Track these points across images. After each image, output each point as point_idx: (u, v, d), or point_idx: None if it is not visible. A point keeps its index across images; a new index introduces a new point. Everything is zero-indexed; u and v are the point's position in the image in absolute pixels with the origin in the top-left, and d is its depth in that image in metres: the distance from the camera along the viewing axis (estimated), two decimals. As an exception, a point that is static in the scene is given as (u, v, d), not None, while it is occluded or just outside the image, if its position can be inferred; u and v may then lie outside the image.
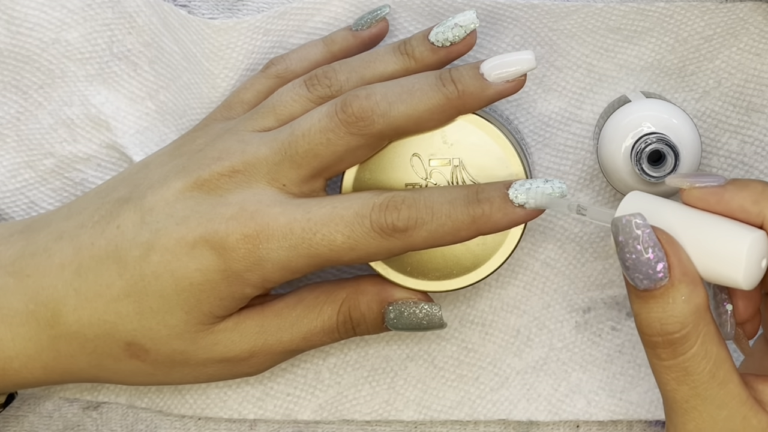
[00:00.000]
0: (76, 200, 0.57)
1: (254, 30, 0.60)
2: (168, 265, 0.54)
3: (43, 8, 0.60)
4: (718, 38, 0.60)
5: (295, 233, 0.53)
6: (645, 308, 0.50)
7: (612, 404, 0.62)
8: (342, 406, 0.63)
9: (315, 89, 0.56)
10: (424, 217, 0.53)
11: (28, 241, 0.56)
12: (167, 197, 0.55)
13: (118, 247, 0.55)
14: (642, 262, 0.49)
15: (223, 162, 0.55)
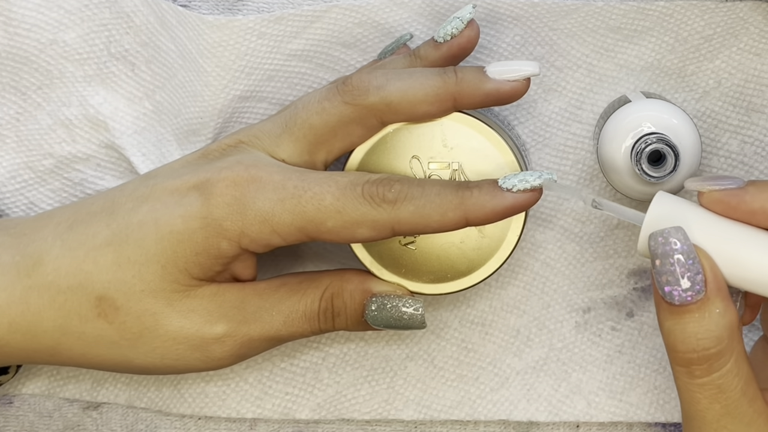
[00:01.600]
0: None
1: (248, 31, 0.60)
2: (154, 213, 0.54)
3: (40, 9, 0.60)
4: (718, 38, 0.60)
5: (287, 188, 0.53)
6: (680, 324, 0.49)
7: (612, 405, 0.62)
8: (341, 406, 0.63)
9: (350, 96, 0.56)
10: (414, 192, 0.53)
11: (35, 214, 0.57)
12: (173, 165, 0.56)
13: (114, 202, 0.55)
14: (680, 274, 0.49)
15: (231, 136, 0.56)
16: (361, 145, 0.56)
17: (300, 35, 0.61)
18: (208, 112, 0.61)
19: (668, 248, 0.49)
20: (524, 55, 0.61)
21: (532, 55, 0.61)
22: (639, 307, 0.62)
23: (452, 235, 0.56)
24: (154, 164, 0.61)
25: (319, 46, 0.61)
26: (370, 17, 0.60)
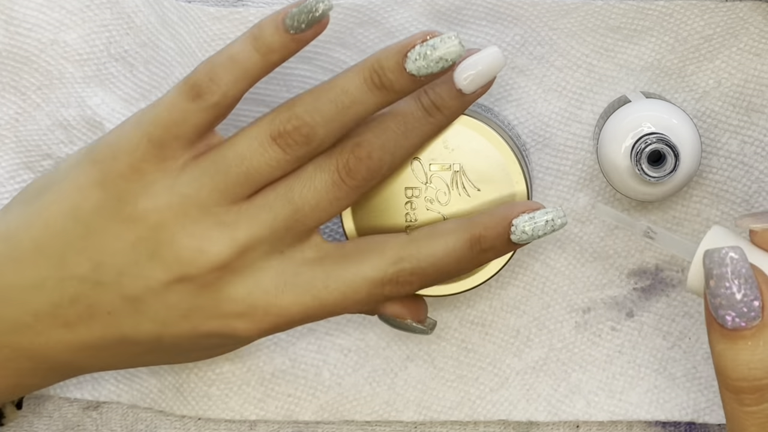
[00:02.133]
0: (17, 244, 0.54)
1: (248, 24, 0.60)
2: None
3: (41, 9, 0.60)
4: (718, 38, 0.60)
5: (311, 318, 0.54)
6: (732, 350, 0.47)
7: (612, 405, 0.62)
8: (342, 407, 0.63)
9: (292, 150, 0.53)
10: (426, 270, 0.54)
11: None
12: (152, 287, 0.53)
13: (125, 336, 0.54)
14: (736, 298, 0.47)
15: (208, 255, 0.52)
16: None
17: (300, 34, 0.61)
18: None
19: (725, 269, 0.47)
20: (524, 55, 0.61)
21: (532, 55, 0.61)
22: (639, 307, 0.62)
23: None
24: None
25: (319, 47, 0.61)
26: (371, 17, 0.60)
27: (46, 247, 0.53)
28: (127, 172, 0.53)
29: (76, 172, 0.54)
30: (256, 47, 0.52)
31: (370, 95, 0.53)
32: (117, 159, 0.53)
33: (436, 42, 0.52)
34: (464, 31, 0.61)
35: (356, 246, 0.55)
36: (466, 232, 0.54)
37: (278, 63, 0.53)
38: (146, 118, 0.53)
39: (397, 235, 0.55)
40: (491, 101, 0.61)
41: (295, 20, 0.52)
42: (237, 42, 0.53)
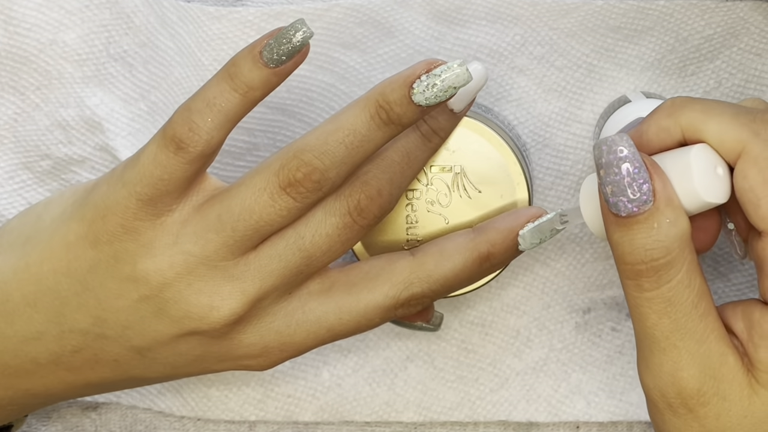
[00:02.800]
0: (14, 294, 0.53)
1: (247, 24, 0.60)
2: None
3: (41, 9, 0.59)
4: (719, 38, 0.60)
5: (325, 344, 0.54)
6: (628, 235, 0.47)
7: (612, 405, 0.62)
8: (342, 408, 0.63)
9: (303, 198, 0.51)
10: (437, 291, 0.54)
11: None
12: (161, 340, 0.52)
13: (134, 377, 0.54)
14: (626, 183, 0.47)
15: (219, 312, 0.51)
16: None
17: (300, 34, 0.60)
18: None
19: (612, 156, 0.47)
20: (524, 55, 0.61)
21: (532, 55, 0.61)
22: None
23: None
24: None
25: (319, 47, 0.61)
26: (371, 17, 0.60)
27: (39, 302, 0.52)
28: (120, 232, 0.51)
29: (64, 229, 0.52)
30: (235, 87, 0.50)
31: (379, 132, 0.51)
32: (107, 220, 0.51)
33: (443, 71, 0.50)
34: (464, 30, 0.61)
35: (363, 272, 0.54)
36: (474, 250, 0.53)
37: (261, 99, 0.51)
38: (131, 177, 0.51)
39: (403, 256, 0.54)
40: (491, 101, 0.61)
41: (273, 53, 0.50)
42: (213, 83, 0.50)
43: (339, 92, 0.61)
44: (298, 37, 0.50)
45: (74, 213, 0.52)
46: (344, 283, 0.53)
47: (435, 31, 0.61)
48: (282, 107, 0.61)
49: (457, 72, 0.50)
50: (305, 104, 0.61)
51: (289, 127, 0.61)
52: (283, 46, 0.50)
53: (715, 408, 0.48)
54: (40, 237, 0.52)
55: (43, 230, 0.52)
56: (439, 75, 0.50)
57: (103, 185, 0.52)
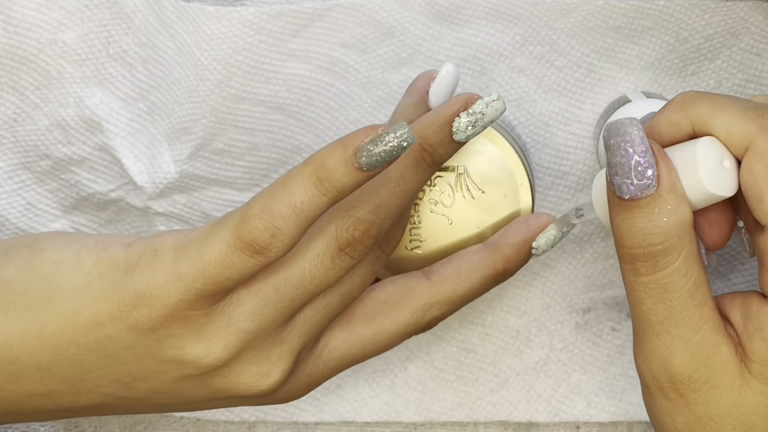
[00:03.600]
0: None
1: (246, 24, 0.60)
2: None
3: (40, 9, 0.59)
4: (719, 37, 0.60)
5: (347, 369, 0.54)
6: (628, 218, 0.47)
7: (612, 405, 0.62)
8: (342, 408, 0.63)
9: (361, 254, 0.50)
10: (455, 310, 0.54)
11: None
12: (194, 401, 0.51)
13: (158, 411, 0.52)
14: (631, 166, 0.47)
15: (272, 378, 0.50)
16: None
17: (300, 34, 0.60)
18: (201, 108, 0.60)
19: (621, 139, 0.47)
20: (524, 55, 0.61)
21: (532, 55, 0.61)
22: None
23: (459, 239, 0.56)
24: (145, 166, 0.60)
25: (318, 46, 0.61)
26: (371, 17, 0.60)
27: (54, 368, 0.49)
28: (168, 320, 0.48)
29: (92, 307, 0.48)
30: (325, 192, 0.47)
31: (425, 174, 0.51)
32: (153, 309, 0.47)
33: (483, 108, 0.50)
34: (464, 30, 0.60)
35: (382, 301, 0.53)
36: (490, 268, 0.53)
37: (345, 196, 0.48)
38: (191, 272, 0.47)
39: (419, 281, 0.53)
40: (491, 101, 0.61)
41: (373, 159, 0.46)
42: (298, 185, 0.47)
43: (339, 92, 0.61)
44: (404, 147, 0.46)
45: (106, 293, 0.48)
46: (364, 314, 0.53)
47: (435, 31, 0.60)
48: (282, 107, 0.61)
49: (497, 107, 0.51)
50: (305, 104, 0.61)
51: (289, 126, 0.61)
52: (385, 154, 0.46)
53: (705, 395, 0.48)
54: (58, 307, 0.49)
55: (60, 299, 0.49)
56: (481, 112, 0.50)
57: (146, 270, 0.48)
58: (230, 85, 0.60)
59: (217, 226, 0.47)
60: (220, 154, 0.61)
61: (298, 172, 0.47)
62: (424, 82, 0.54)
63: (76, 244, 0.50)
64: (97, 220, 0.62)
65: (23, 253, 0.50)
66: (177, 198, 0.61)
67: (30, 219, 0.61)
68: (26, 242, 0.50)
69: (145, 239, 0.49)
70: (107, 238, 0.50)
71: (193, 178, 0.61)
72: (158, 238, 0.49)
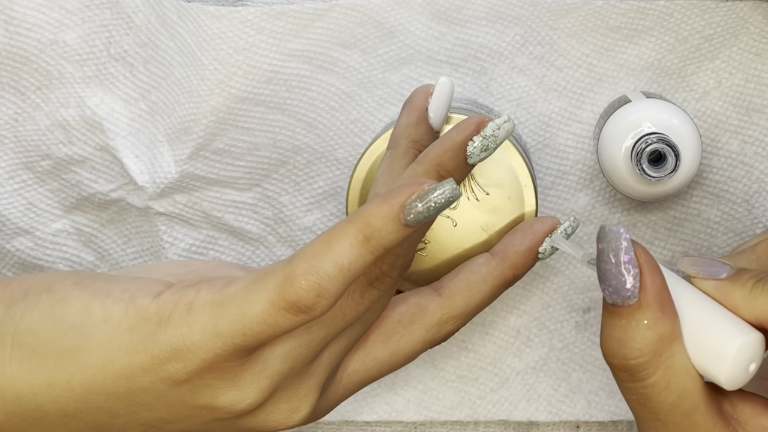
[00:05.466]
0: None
1: (247, 24, 0.60)
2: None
3: (41, 9, 0.59)
4: (719, 38, 0.60)
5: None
6: (609, 324, 0.47)
7: (612, 404, 0.62)
8: (342, 408, 0.63)
9: (387, 285, 0.49)
10: (468, 321, 0.54)
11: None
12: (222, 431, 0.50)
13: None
14: (613, 274, 0.47)
15: (301, 413, 0.49)
16: (368, 153, 0.56)
17: (300, 34, 0.60)
18: (202, 108, 0.60)
19: (606, 245, 0.47)
20: (524, 55, 0.61)
21: (532, 55, 0.61)
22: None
23: (461, 241, 0.56)
24: (146, 166, 0.60)
25: (319, 46, 0.61)
26: (371, 17, 0.60)
27: (81, 416, 0.48)
28: (203, 372, 0.47)
29: (124, 360, 0.47)
30: (372, 250, 0.45)
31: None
32: (189, 362, 0.46)
33: (495, 132, 0.50)
34: (464, 30, 0.61)
35: (395, 321, 0.52)
36: (499, 278, 0.53)
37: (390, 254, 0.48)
38: (231, 329, 0.46)
39: (430, 298, 0.53)
40: (491, 101, 0.61)
41: (421, 216, 0.45)
42: (344, 244, 0.45)
43: (339, 92, 0.61)
44: (452, 202, 0.45)
45: (137, 347, 0.47)
46: (379, 335, 0.52)
47: (435, 31, 0.61)
48: (282, 107, 0.61)
49: (507, 128, 0.50)
50: (305, 104, 0.61)
51: (290, 126, 0.61)
52: (435, 211, 0.45)
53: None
54: (86, 358, 0.47)
55: (88, 351, 0.47)
56: (493, 135, 0.50)
57: (181, 326, 0.46)
58: (231, 85, 0.60)
59: (258, 283, 0.46)
60: (220, 154, 0.61)
61: (344, 232, 0.45)
62: (422, 98, 0.54)
63: (101, 293, 0.48)
64: (98, 220, 0.62)
65: (45, 300, 0.48)
66: (178, 198, 0.61)
67: (31, 219, 0.61)
68: (44, 287, 0.48)
69: (175, 291, 0.48)
70: (133, 286, 0.48)
71: (193, 178, 0.61)
72: (191, 291, 0.47)
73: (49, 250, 0.62)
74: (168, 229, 0.62)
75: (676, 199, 0.61)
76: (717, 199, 0.61)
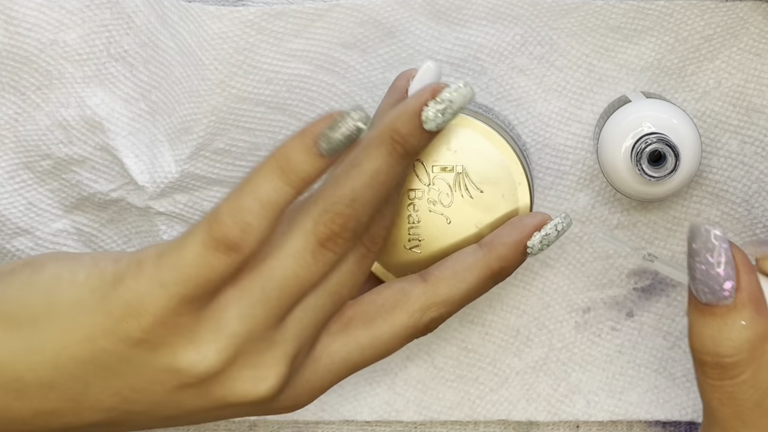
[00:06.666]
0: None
1: (247, 24, 0.60)
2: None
3: (41, 9, 0.59)
4: (718, 38, 0.60)
5: (349, 375, 0.54)
6: (701, 322, 0.48)
7: (612, 404, 0.62)
8: (342, 408, 0.63)
9: (341, 248, 0.50)
10: (453, 311, 0.54)
11: None
12: (194, 412, 0.51)
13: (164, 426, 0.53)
14: (711, 275, 0.47)
15: (268, 382, 0.50)
16: None
17: (301, 34, 0.60)
18: (202, 108, 0.61)
19: (702, 245, 0.47)
20: (524, 55, 0.61)
21: (532, 55, 0.61)
22: (639, 307, 0.62)
23: (455, 239, 0.56)
24: (146, 165, 0.61)
25: (319, 47, 0.61)
26: (371, 17, 0.60)
27: (57, 384, 0.49)
28: (157, 329, 0.48)
29: (85, 321, 0.48)
30: (288, 181, 0.47)
31: (399, 166, 0.51)
32: (142, 319, 0.48)
33: (452, 95, 0.51)
34: (464, 30, 0.61)
35: (378, 305, 0.53)
36: (485, 268, 0.53)
37: (311, 186, 0.49)
38: (172, 278, 0.47)
39: (415, 284, 0.53)
40: (491, 101, 0.61)
41: (333, 143, 0.47)
42: (263, 178, 0.47)
43: (339, 92, 0.61)
44: (360, 127, 0.47)
45: (96, 307, 0.48)
46: (361, 318, 0.53)
47: (435, 31, 0.61)
48: (282, 107, 0.61)
49: (464, 93, 0.51)
50: (305, 104, 0.61)
51: (290, 126, 0.61)
52: (343, 137, 0.47)
53: None
54: (55, 323, 0.49)
55: (56, 315, 0.49)
56: (448, 100, 0.51)
57: (130, 280, 0.48)
58: (231, 85, 0.60)
59: (192, 228, 0.48)
60: (221, 154, 0.61)
61: (261, 166, 0.47)
62: (404, 80, 0.54)
63: (72, 260, 0.50)
64: (98, 220, 0.62)
65: (26, 272, 0.50)
66: (178, 198, 0.62)
67: (31, 218, 0.62)
68: (28, 261, 0.50)
69: (133, 252, 0.49)
70: (100, 254, 0.50)
71: (194, 177, 0.61)
72: (144, 249, 0.49)
73: (50, 249, 0.62)
74: (168, 229, 0.62)
75: (676, 199, 0.61)
76: (717, 199, 0.61)
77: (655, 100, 0.58)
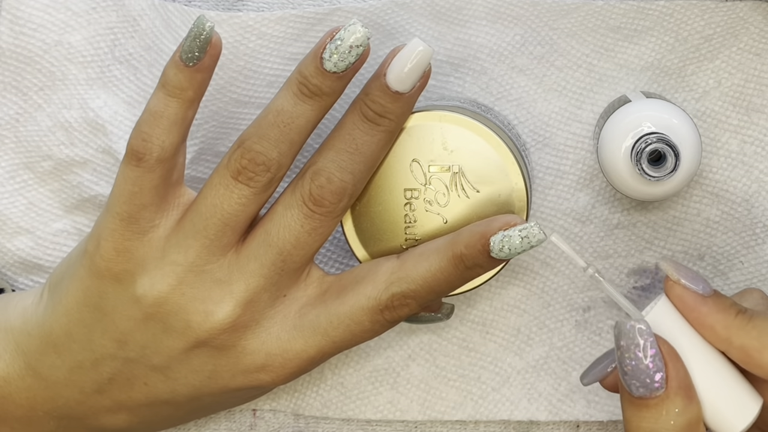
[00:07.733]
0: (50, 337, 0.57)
1: (247, 29, 0.60)
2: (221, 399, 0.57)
3: (47, 10, 0.60)
4: (718, 38, 0.60)
5: (328, 354, 0.55)
6: (637, 417, 0.49)
7: (612, 404, 0.62)
8: (346, 407, 0.63)
9: (255, 183, 0.54)
10: (418, 291, 0.55)
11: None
12: (174, 356, 0.55)
13: (166, 401, 0.56)
14: (640, 369, 0.49)
15: (215, 316, 0.55)
16: None
17: (301, 38, 0.61)
18: (204, 112, 0.61)
19: (629, 342, 0.49)
20: (524, 55, 0.61)
21: (532, 55, 0.61)
22: (638, 306, 0.62)
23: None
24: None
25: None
26: (372, 20, 0.60)
27: (73, 333, 0.56)
28: (114, 255, 0.55)
29: (77, 265, 0.56)
30: (168, 92, 0.53)
31: (305, 106, 0.54)
32: (101, 246, 0.55)
33: (342, 34, 0.53)
34: (464, 30, 0.61)
35: (353, 276, 0.56)
36: (448, 250, 0.54)
37: (198, 98, 0.54)
38: (110, 200, 0.55)
39: (389, 259, 0.56)
40: (491, 101, 0.61)
41: (188, 52, 0.53)
42: (152, 96, 0.54)
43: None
44: (205, 28, 0.53)
45: (79, 248, 0.56)
46: (336, 287, 0.55)
47: (435, 31, 0.61)
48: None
49: (353, 31, 0.53)
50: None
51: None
52: (193, 41, 0.53)
53: None
54: (65, 278, 0.56)
55: (66, 271, 0.56)
56: (340, 38, 0.53)
57: (98, 218, 0.56)
58: (232, 89, 0.61)
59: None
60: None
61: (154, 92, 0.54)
62: (389, 56, 0.55)
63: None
64: (101, 220, 0.63)
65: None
66: (180, 199, 0.62)
67: (32, 218, 0.62)
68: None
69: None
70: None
71: (195, 181, 0.61)
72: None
73: (50, 249, 0.62)
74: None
75: (675, 199, 0.61)
76: (717, 199, 0.61)
77: (655, 100, 0.58)
